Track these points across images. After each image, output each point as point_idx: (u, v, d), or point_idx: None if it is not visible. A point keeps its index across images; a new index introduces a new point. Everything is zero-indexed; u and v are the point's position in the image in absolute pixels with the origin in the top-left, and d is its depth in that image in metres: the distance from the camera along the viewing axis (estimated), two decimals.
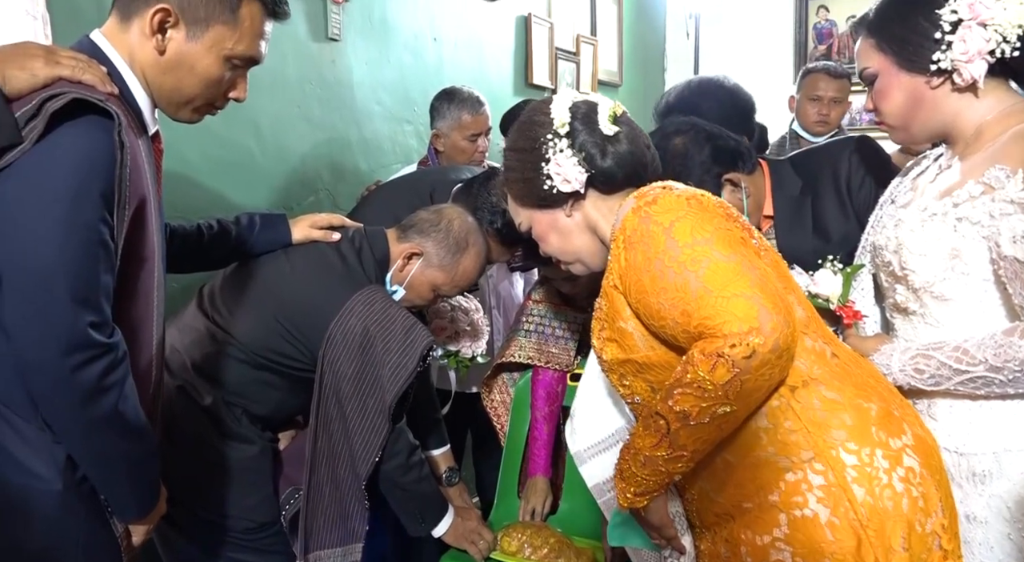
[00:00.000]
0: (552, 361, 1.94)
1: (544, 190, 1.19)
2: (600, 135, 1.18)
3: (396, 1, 2.66)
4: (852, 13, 4.54)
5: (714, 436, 1.01)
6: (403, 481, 1.59)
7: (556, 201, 1.21)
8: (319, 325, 1.46)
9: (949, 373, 1.09)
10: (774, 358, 0.95)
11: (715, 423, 0.98)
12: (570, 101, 1.20)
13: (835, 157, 1.66)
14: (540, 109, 1.23)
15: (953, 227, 1.10)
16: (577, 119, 1.18)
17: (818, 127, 2.87)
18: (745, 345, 0.93)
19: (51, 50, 1.01)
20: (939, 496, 1.01)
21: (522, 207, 1.26)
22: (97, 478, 1.07)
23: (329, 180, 2.43)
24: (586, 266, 1.27)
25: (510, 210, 1.32)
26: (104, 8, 1.74)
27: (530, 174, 1.20)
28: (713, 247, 1.00)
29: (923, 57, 1.12)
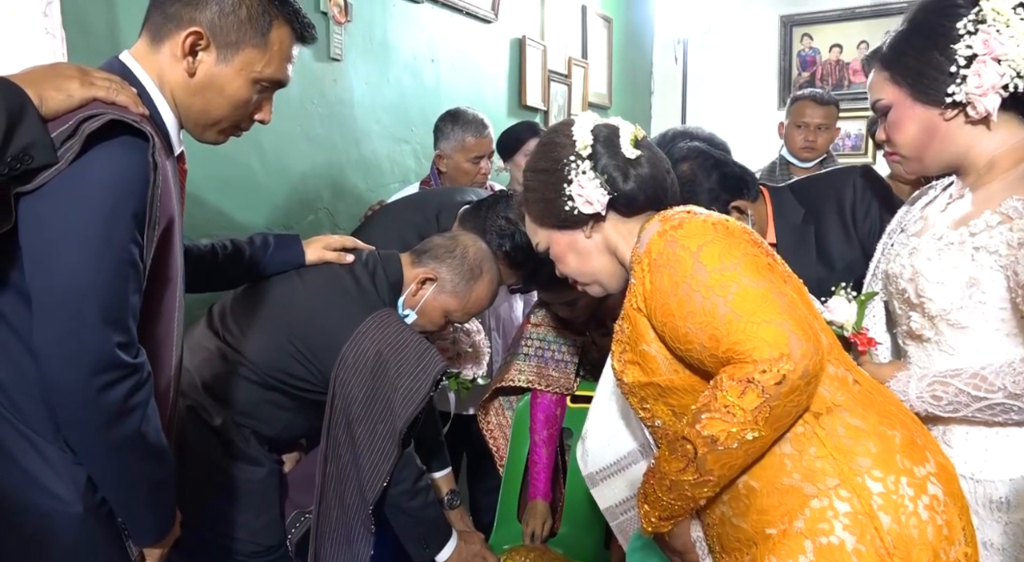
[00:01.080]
0: (552, 385, 1.95)
1: (565, 211, 1.19)
2: (622, 158, 1.19)
3: (396, 22, 2.68)
4: (835, 42, 4.67)
5: (741, 462, 1.01)
6: (409, 506, 1.58)
7: (576, 222, 1.21)
8: (332, 347, 1.46)
9: (967, 400, 1.11)
10: (803, 385, 0.95)
11: (742, 449, 0.98)
12: (592, 124, 1.21)
13: (839, 186, 1.68)
14: (561, 131, 1.23)
15: (971, 256, 1.11)
16: (599, 142, 1.19)
17: (805, 152, 2.93)
18: (775, 371, 0.93)
19: (85, 71, 1.01)
20: (961, 524, 1.01)
21: (541, 227, 1.26)
22: (117, 501, 1.05)
23: (329, 199, 2.43)
24: (603, 288, 1.27)
25: (527, 230, 1.32)
26: (116, 27, 1.76)
27: (551, 195, 1.21)
28: (742, 272, 1.01)
29: (938, 90, 1.14)
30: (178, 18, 1.08)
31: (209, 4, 1.08)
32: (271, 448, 1.58)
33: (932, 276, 1.15)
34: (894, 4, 4.45)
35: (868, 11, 4.52)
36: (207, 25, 1.08)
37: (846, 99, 4.49)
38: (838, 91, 4.58)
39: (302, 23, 1.16)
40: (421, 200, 2.15)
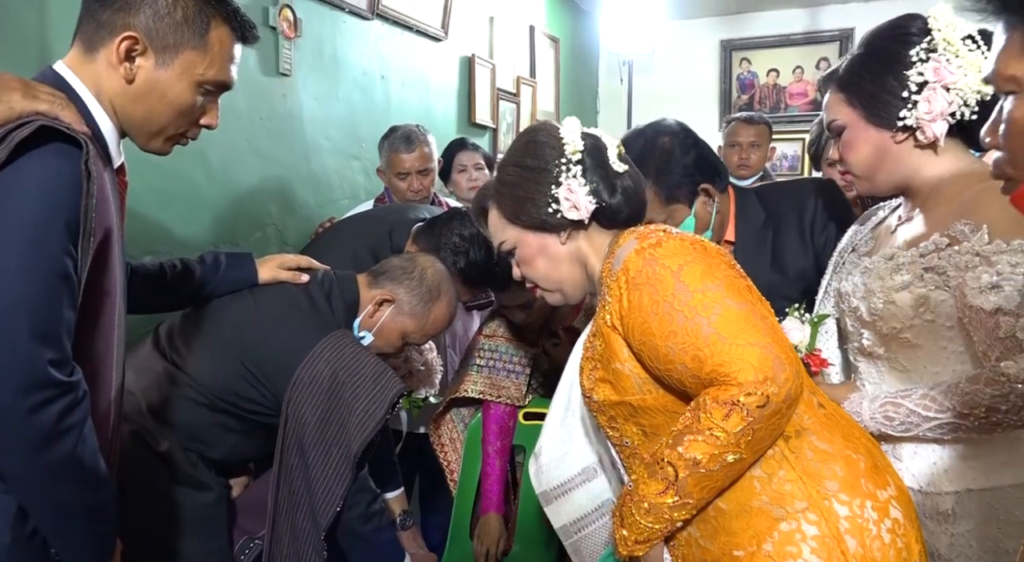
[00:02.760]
0: (503, 395, 1.95)
1: (547, 213, 1.16)
2: (611, 170, 1.17)
3: (346, 38, 2.67)
4: (772, 66, 4.85)
5: (720, 484, 1.00)
6: (363, 530, 1.55)
7: (554, 227, 1.17)
8: (286, 368, 1.42)
9: (918, 420, 1.13)
10: (785, 408, 0.96)
11: (723, 471, 0.98)
12: (579, 130, 1.18)
13: (802, 196, 1.71)
14: (548, 131, 1.19)
15: (920, 276, 1.15)
16: (587, 151, 1.17)
17: (742, 171, 3.04)
18: (760, 394, 0.94)
19: (28, 84, 0.97)
20: (918, 548, 1.04)
21: (511, 225, 1.21)
22: (50, 530, 0.99)
23: (277, 215, 2.38)
24: (564, 297, 1.25)
25: (492, 227, 1.26)
26: (47, 36, 1.70)
27: (532, 193, 1.17)
28: (724, 294, 1.00)
29: (890, 113, 1.18)
30: (111, 24, 1.05)
31: (143, 8, 1.05)
32: (219, 472, 1.53)
33: (884, 295, 1.18)
34: (826, 32, 4.67)
35: (802, 38, 4.72)
36: (142, 29, 1.05)
37: (782, 121, 4.68)
38: (775, 114, 4.75)
39: (241, 23, 1.13)
40: (374, 217, 2.13)
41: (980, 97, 1.13)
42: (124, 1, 1.05)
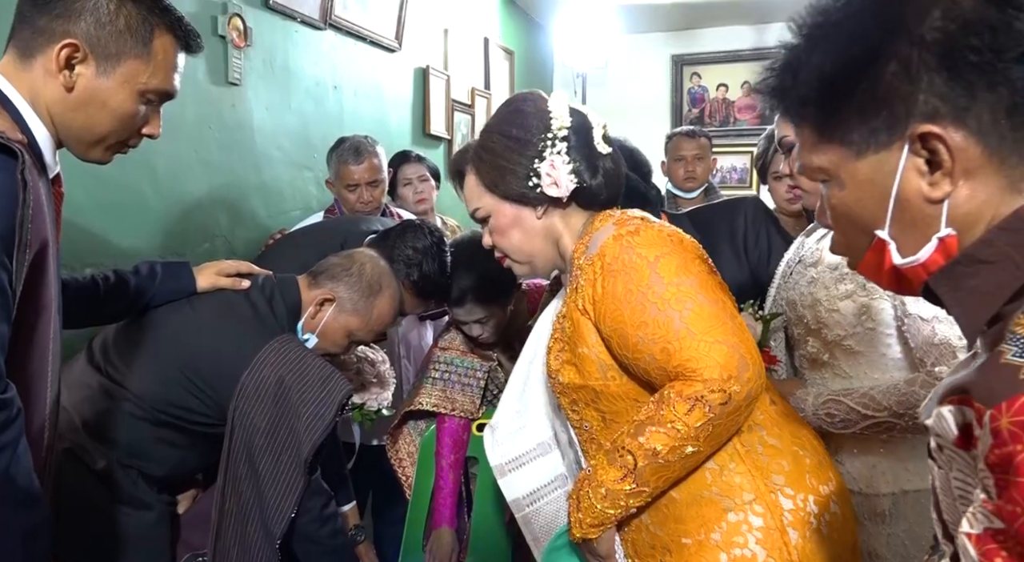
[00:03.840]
0: (457, 408, 1.95)
1: (526, 186, 1.14)
2: (595, 151, 1.16)
3: (297, 48, 2.65)
4: (721, 81, 4.98)
5: (676, 474, 1.04)
6: (319, 535, 1.53)
7: (532, 200, 1.16)
8: (230, 376, 1.40)
9: (857, 418, 1.19)
10: (745, 406, 1.00)
11: (681, 463, 1.01)
12: (567, 105, 1.16)
13: (732, 215, 1.80)
14: (535, 101, 1.18)
15: (863, 286, 1.21)
16: (574, 128, 1.15)
17: (688, 183, 3.11)
18: (723, 392, 0.97)
19: None
20: (853, 540, 1.09)
21: (489, 193, 1.19)
22: None
23: (226, 226, 2.34)
24: (533, 270, 1.24)
25: (468, 194, 1.24)
26: None
27: (514, 165, 1.15)
28: (697, 289, 1.02)
29: None
30: (50, 31, 1.02)
31: (84, 15, 1.03)
32: (162, 489, 1.49)
33: (829, 304, 1.24)
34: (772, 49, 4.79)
35: (750, 54, 4.85)
36: (83, 37, 1.03)
37: (731, 135, 4.80)
38: (724, 127, 4.88)
39: (185, 31, 1.12)
40: (326, 229, 2.11)
41: None
42: (64, 7, 1.03)
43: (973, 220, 0.62)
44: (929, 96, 0.60)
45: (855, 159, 0.65)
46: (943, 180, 0.61)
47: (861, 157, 0.65)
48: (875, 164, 0.64)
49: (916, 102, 0.61)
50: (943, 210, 0.62)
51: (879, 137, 0.63)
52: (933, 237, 0.63)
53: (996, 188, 0.61)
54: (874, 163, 0.64)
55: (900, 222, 0.64)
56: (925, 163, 0.62)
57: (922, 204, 0.63)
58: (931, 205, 0.62)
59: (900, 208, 0.64)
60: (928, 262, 0.64)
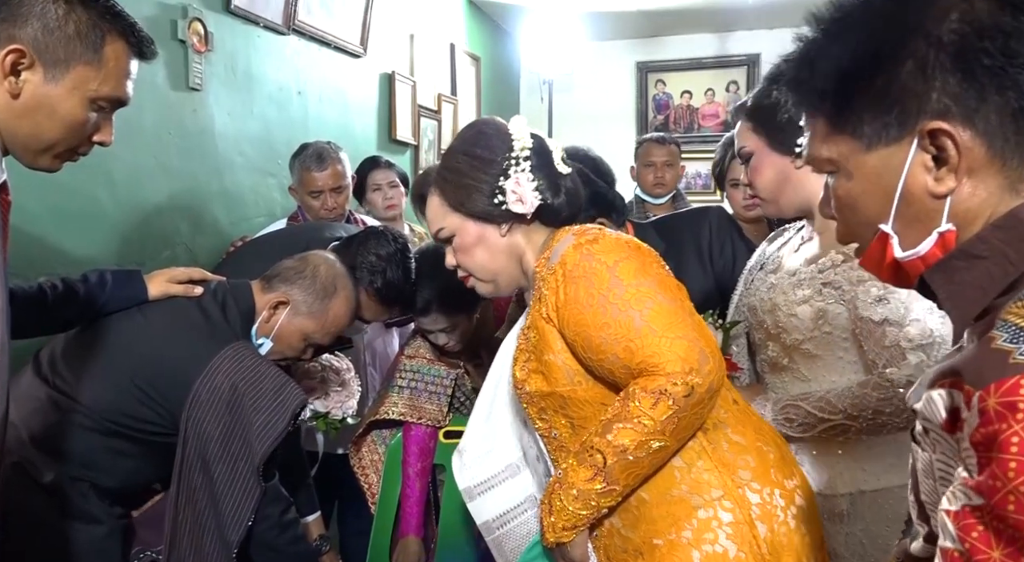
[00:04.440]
0: (424, 417, 1.94)
1: (491, 203, 1.18)
2: (556, 171, 1.21)
3: (260, 54, 2.62)
4: (686, 88, 5.04)
5: (645, 471, 1.06)
6: (279, 542, 1.51)
7: (497, 218, 1.20)
8: (182, 385, 1.38)
9: (814, 421, 1.22)
10: (707, 398, 1.03)
11: (648, 458, 1.03)
12: (528, 129, 1.22)
13: (696, 225, 1.83)
14: (496, 125, 1.23)
15: (819, 291, 1.24)
16: (535, 149, 1.20)
17: (657, 189, 3.14)
18: (685, 384, 1.00)
19: None
20: (819, 534, 1.12)
21: (453, 212, 1.22)
22: None
23: (188, 233, 2.31)
24: (497, 288, 1.27)
25: (432, 214, 1.26)
26: None
27: (479, 183, 1.18)
28: (656, 290, 1.06)
29: (790, 140, 1.26)
30: None
31: (30, 20, 1.00)
32: (114, 501, 1.46)
33: (787, 309, 1.27)
34: (734, 57, 4.89)
35: (712, 62, 4.94)
36: (30, 42, 1.00)
37: (695, 141, 4.86)
38: (689, 134, 4.94)
39: (138, 37, 1.10)
40: (289, 236, 2.09)
41: None
42: (9, 12, 1.00)
43: (972, 217, 0.64)
44: (942, 95, 0.63)
45: (864, 152, 0.67)
46: (948, 176, 0.64)
47: (871, 150, 0.67)
48: (884, 157, 0.66)
49: (929, 100, 0.63)
50: (945, 206, 0.64)
51: (890, 132, 0.65)
52: (934, 231, 0.65)
53: (996, 187, 0.63)
54: (883, 156, 0.66)
55: (903, 216, 0.67)
56: (932, 159, 0.64)
57: (926, 199, 0.65)
58: (934, 200, 0.65)
59: (904, 202, 0.66)
60: (927, 256, 0.66)
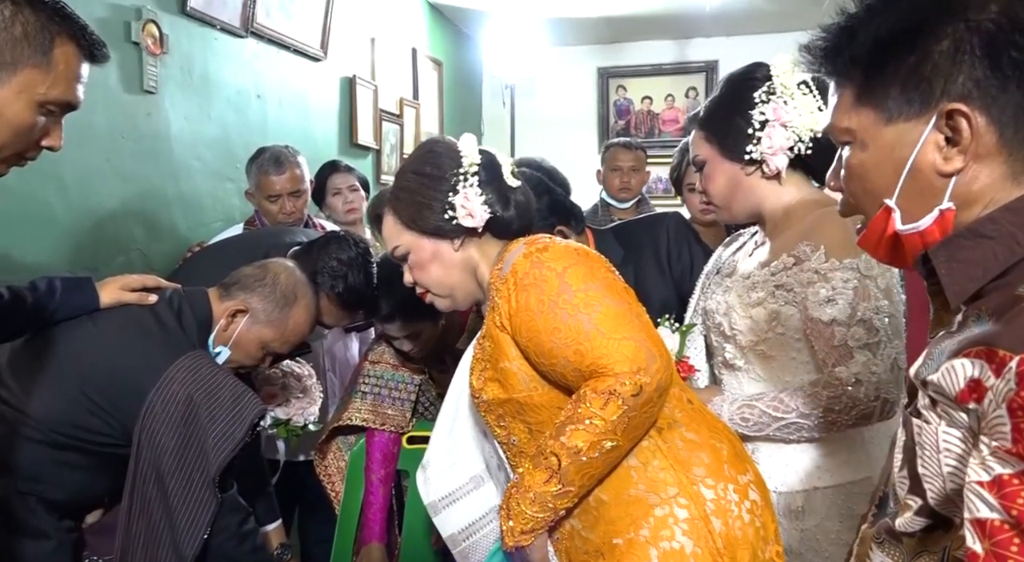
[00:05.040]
0: (388, 422, 1.93)
1: (443, 219, 1.21)
2: (505, 185, 1.24)
3: (218, 57, 2.58)
4: (646, 94, 5.11)
5: (599, 471, 1.08)
6: (237, 553, 1.48)
7: (449, 233, 1.23)
8: (136, 395, 1.35)
9: (768, 420, 1.25)
10: (656, 396, 1.05)
11: (602, 458, 1.05)
12: (476, 145, 1.25)
13: (655, 231, 1.86)
14: (446, 143, 1.26)
15: (772, 293, 1.27)
16: (484, 164, 1.23)
17: (623, 194, 3.18)
18: (633, 384, 1.02)
19: None
20: (773, 527, 1.14)
21: (406, 230, 1.25)
22: None
23: (142, 239, 2.26)
24: (455, 302, 1.30)
25: (387, 233, 1.30)
26: None
27: (430, 200, 1.22)
28: (604, 293, 1.09)
29: (740, 148, 1.29)
30: None
31: None
32: (63, 515, 1.42)
33: (742, 311, 1.31)
34: (693, 63, 4.97)
35: (672, 68, 5.01)
36: None
37: (656, 146, 4.92)
38: (650, 139, 5.00)
39: (90, 40, 1.07)
40: (248, 241, 2.06)
41: (813, 134, 1.26)
42: None
43: (972, 200, 0.67)
44: (967, 79, 0.65)
45: (884, 125, 0.70)
46: (957, 157, 0.67)
47: (890, 123, 0.70)
48: (900, 132, 0.69)
49: (955, 82, 0.66)
50: (949, 185, 0.67)
51: (912, 107, 0.68)
52: (935, 208, 0.68)
53: (999, 175, 0.67)
54: (900, 131, 0.69)
55: (908, 191, 0.70)
56: (945, 139, 0.67)
57: (932, 176, 0.68)
58: (940, 178, 0.68)
59: (912, 176, 0.69)
60: (926, 232, 0.69)
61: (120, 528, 1.38)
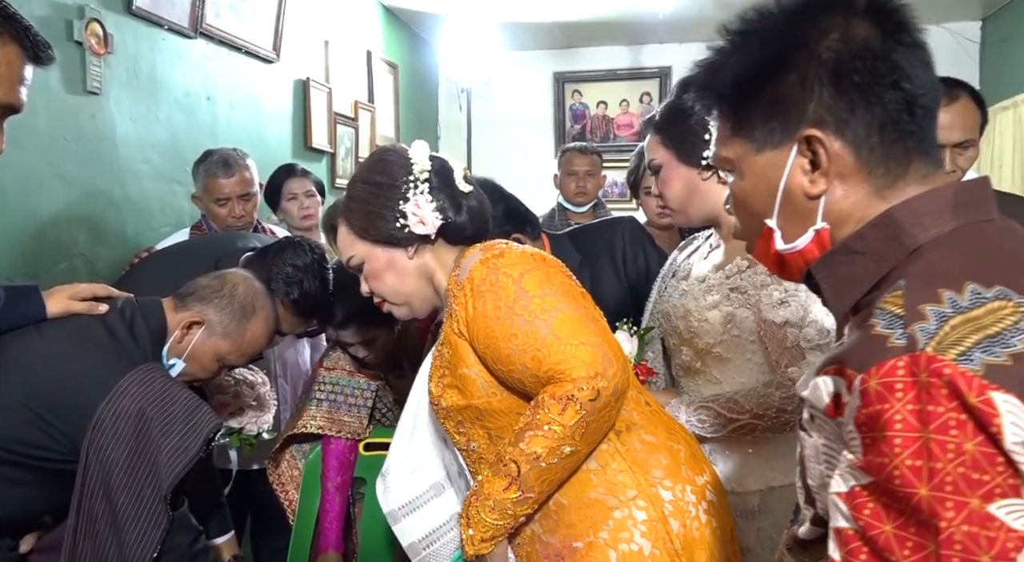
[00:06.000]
0: (344, 429, 1.90)
1: (395, 227, 1.21)
2: (457, 190, 1.24)
3: (166, 57, 2.52)
4: (601, 99, 5.16)
5: (559, 476, 1.08)
6: None
7: (402, 241, 1.22)
8: (84, 408, 1.30)
9: (724, 421, 1.27)
10: (613, 400, 1.05)
11: (561, 464, 1.05)
12: (427, 152, 1.24)
13: (610, 235, 1.88)
14: (396, 151, 1.26)
15: (727, 296, 1.29)
16: (435, 171, 1.22)
17: (579, 198, 3.20)
18: (591, 388, 1.02)
19: None
20: (730, 527, 1.16)
21: (360, 240, 1.25)
22: None
23: (86, 244, 2.19)
24: (412, 311, 1.29)
25: (341, 244, 1.29)
26: None
27: (381, 208, 1.21)
28: (560, 299, 1.10)
29: (696, 153, 1.31)
30: None
31: None
32: (2, 533, 1.37)
33: (698, 314, 1.32)
34: (647, 69, 5.04)
35: (626, 74, 5.07)
36: None
37: (612, 151, 4.97)
38: (605, 143, 5.05)
39: (33, 42, 1.05)
40: (198, 246, 2.01)
41: None
42: None
43: (844, 218, 0.70)
44: (818, 106, 0.69)
45: (755, 154, 0.74)
46: (821, 179, 0.70)
47: (760, 152, 0.74)
48: (770, 160, 0.73)
49: (807, 109, 0.69)
50: (820, 206, 0.71)
51: (775, 136, 0.72)
52: (810, 229, 0.72)
53: (864, 193, 0.70)
54: (769, 159, 0.73)
55: (785, 213, 0.73)
56: (809, 163, 0.70)
57: (803, 198, 0.72)
58: (810, 200, 0.71)
59: (786, 200, 0.73)
60: (805, 250, 0.72)
61: (65, 548, 1.33)
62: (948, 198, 0.67)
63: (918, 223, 0.66)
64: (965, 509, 0.53)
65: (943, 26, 4.36)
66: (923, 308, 0.58)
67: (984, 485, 0.53)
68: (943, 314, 0.57)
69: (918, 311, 0.58)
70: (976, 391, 0.53)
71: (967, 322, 0.56)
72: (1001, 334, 0.55)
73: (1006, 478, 0.53)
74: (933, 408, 0.54)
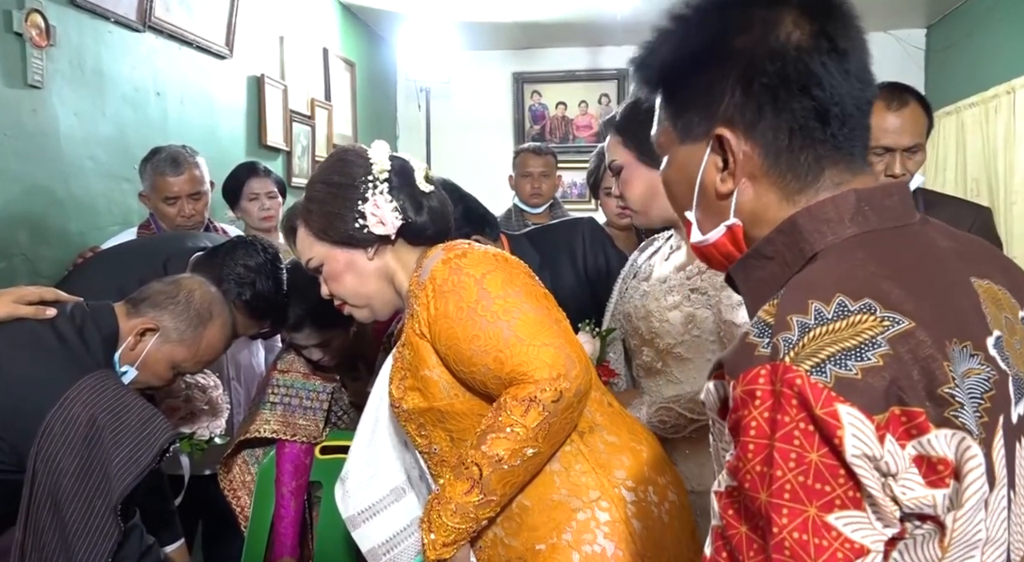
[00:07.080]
0: (299, 433, 1.86)
1: (354, 228, 1.19)
2: (417, 190, 1.22)
3: (113, 51, 2.44)
4: (560, 99, 5.18)
5: (521, 479, 1.07)
6: None
7: (361, 242, 1.20)
8: (32, 416, 1.25)
9: (685, 422, 1.28)
10: (576, 402, 1.05)
11: (524, 466, 1.04)
12: (387, 152, 1.23)
13: (570, 236, 1.89)
14: (355, 151, 1.24)
15: (688, 296, 1.30)
16: (395, 171, 1.21)
17: (534, 199, 3.20)
18: (554, 390, 1.02)
19: None
20: (691, 527, 1.17)
21: (319, 242, 1.23)
22: None
23: (27, 243, 2.11)
24: (373, 313, 1.27)
25: (300, 245, 1.27)
26: None
27: (340, 209, 1.19)
28: (523, 300, 1.09)
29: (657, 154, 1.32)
30: None
31: None
32: None
33: (660, 315, 1.33)
34: (605, 71, 5.08)
35: (585, 75, 5.10)
36: None
37: (571, 152, 5.00)
38: (564, 144, 5.07)
39: None
40: (146, 246, 1.95)
41: None
42: None
43: (757, 218, 0.70)
44: (730, 105, 0.68)
45: (679, 144, 0.73)
46: (730, 179, 0.70)
47: (683, 143, 0.73)
48: (690, 152, 0.72)
49: (721, 107, 0.69)
50: (731, 203, 0.71)
51: (696, 129, 0.71)
52: (722, 224, 0.72)
53: (774, 197, 0.69)
54: (690, 151, 0.72)
55: (702, 206, 0.73)
56: (721, 161, 0.70)
57: (715, 195, 0.71)
58: (722, 197, 0.71)
59: (701, 194, 0.73)
60: (718, 244, 0.73)
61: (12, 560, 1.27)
62: (850, 205, 0.66)
63: (816, 230, 0.66)
64: (800, 516, 0.54)
65: (890, 33, 4.50)
66: (790, 318, 0.58)
67: (825, 495, 0.54)
68: (806, 325, 0.58)
69: (785, 321, 0.59)
70: (823, 403, 0.54)
71: (827, 334, 0.57)
72: (858, 347, 0.56)
73: (847, 490, 0.54)
74: (781, 417, 0.55)
